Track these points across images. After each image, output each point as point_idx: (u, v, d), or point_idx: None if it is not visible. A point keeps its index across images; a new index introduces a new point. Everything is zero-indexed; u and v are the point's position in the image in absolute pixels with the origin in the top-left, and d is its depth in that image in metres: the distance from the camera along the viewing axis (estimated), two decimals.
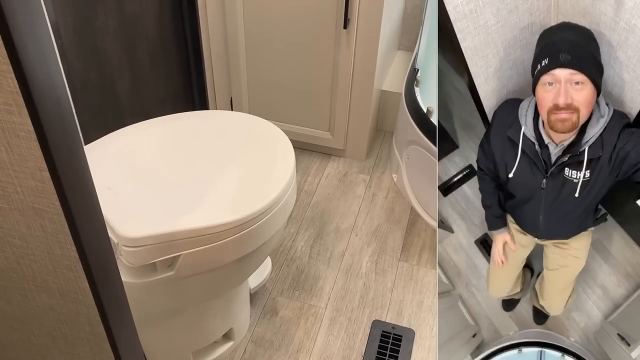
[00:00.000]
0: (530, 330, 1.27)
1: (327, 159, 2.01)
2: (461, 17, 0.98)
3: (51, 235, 0.67)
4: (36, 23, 0.52)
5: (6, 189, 0.64)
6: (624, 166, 0.93)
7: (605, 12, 0.92)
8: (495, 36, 1.03)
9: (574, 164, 0.96)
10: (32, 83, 0.53)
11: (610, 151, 0.93)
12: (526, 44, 1.06)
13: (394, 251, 1.68)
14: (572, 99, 0.88)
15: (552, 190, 1.02)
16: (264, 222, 1.03)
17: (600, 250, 1.24)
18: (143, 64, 1.55)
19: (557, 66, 0.88)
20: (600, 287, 1.24)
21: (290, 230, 1.73)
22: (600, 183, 0.98)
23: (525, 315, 1.30)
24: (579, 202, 1.02)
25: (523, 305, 1.32)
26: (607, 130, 0.92)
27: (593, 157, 0.94)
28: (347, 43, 1.67)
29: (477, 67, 1.06)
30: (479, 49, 1.04)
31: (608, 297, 1.24)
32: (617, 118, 0.93)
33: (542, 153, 0.98)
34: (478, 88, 1.11)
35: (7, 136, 0.58)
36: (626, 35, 0.91)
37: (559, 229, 1.13)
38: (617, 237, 1.25)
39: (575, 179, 0.98)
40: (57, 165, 0.59)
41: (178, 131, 1.19)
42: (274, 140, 1.17)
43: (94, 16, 1.30)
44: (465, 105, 1.21)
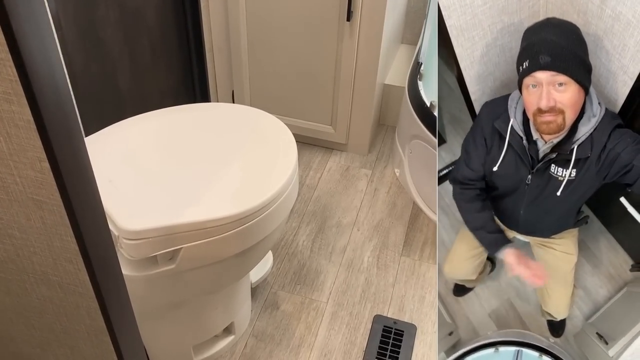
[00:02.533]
0: (509, 330, 1.26)
1: (329, 153, 2.00)
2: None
3: (51, 227, 0.66)
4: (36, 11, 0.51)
5: (5, 180, 0.63)
6: (614, 167, 0.92)
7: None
8: (482, 17, 1.01)
9: (561, 161, 0.95)
10: (31, 72, 0.52)
11: (599, 151, 0.92)
12: (514, 30, 1.04)
13: (396, 246, 1.67)
14: (555, 101, 0.87)
15: (536, 186, 1.01)
16: (266, 216, 1.02)
17: (584, 251, 1.24)
18: (144, 55, 1.54)
19: (537, 69, 0.87)
20: (583, 289, 1.24)
21: (291, 224, 1.72)
22: (586, 184, 0.97)
23: (505, 315, 1.29)
24: (561, 201, 1.01)
25: (503, 304, 1.30)
26: (598, 130, 0.91)
27: (581, 156, 0.92)
28: (350, 36, 1.66)
29: (463, 48, 1.05)
30: (464, 29, 1.02)
31: (590, 299, 1.23)
32: (608, 118, 0.92)
33: (529, 148, 0.97)
34: (463, 72, 1.09)
35: (6, 126, 0.57)
36: (612, 23, 0.91)
37: (538, 226, 1.12)
38: (600, 239, 1.24)
39: (560, 177, 0.96)
40: (57, 156, 0.58)
41: (179, 123, 1.18)
42: (276, 133, 1.16)
43: (95, 7, 1.29)
44: (454, 101, 1.20)
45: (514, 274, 1.07)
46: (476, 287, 1.33)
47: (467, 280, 1.27)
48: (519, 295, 1.31)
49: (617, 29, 0.90)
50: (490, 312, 1.30)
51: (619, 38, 0.91)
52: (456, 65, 1.09)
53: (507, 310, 1.29)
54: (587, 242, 1.25)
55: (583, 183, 0.96)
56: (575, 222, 1.12)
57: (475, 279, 1.26)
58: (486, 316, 1.29)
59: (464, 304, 1.31)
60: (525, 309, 1.29)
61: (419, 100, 1.68)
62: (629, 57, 0.91)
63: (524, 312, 1.29)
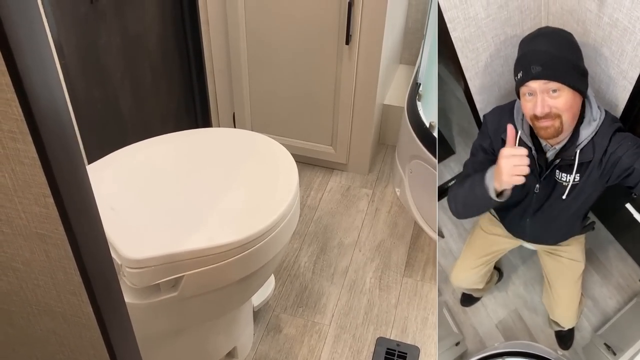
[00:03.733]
0: (516, 341, 1.25)
1: (329, 173, 2.01)
2: (451, 6, 1.00)
3: (55, 261, 0.66)
4: (41, 51, 0.52)
5: (10, 215, 0.63)
6: (615, 171, 0.93)
7: (590, 8, 0.95)
8: (485, 30, 1.04)
9: (565, 166, 0.97)
10: (36, 111, 0.53)
11: (601, 155, 0.93)
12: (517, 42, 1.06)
13: (398, 266, 1.67)
14: (549, 107, 0.90)
15: (543, 193, 1.02)
16: (268, 242, 1.03)
17: (592, 261, 1.23)
18: (146, 80, 1.55)
19: (530, 79, 0.90)
20: (591, 299, 1.23)
21: (293, 245, 1.73)
22: (590, 187, 0.98)
23: (512, 326, 1.28)
24: (567, 206, 1.01)
25: (510, 315, 1.30)
26: (599, 134, 0.93)
27: (584, 160, 0.94)
28: (349, 58, 1.67)
29: (467, 59, 1.07)
30: (469, 41, 1.04)
31: (599, 310, 1.22)
32: (608, 122, 0.93)
33: (538, 158, 0.98)
34: (469, 82, 1.11)
35: (12, 163, 0.58)
36: (610, 30, 0.93)
37: (545, 234, 1.12)
38: (609, 248, 1.24)
39: (565, 182, 0.98)
40: (61, 192, 0.58)
41: (180, 149, 1.19)
42: (277, 158, 1.16)
43: (97, 35, 1.30)
44: (464, 114, 1.21)
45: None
46: (483, 297, 1.33)
47: (474, 289, 1.27)
48: (526, 305, 1.30)
49: (614, 36, 0.93)
50: (498, 322, 1.29)
51: (617, 44, 0.93)
52: (463, 79, 1.11)
53: (514, 321, 1.28)
54: (595, 252, 1.24)
55: (587, 187, 0.98)
56: (581, 229, 1.12)
57: (483, 289, 1.26)
58: (493, 327, 1.28)
59: (471, 314, 1.30)
60: (533, 320, 1.28)
61: (418, 120, 1.70)
62: (627, 62, 0.93)
63: (531, 323, 1.28)
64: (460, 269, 1.23)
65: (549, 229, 1.11)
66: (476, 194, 1.00)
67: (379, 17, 1.58)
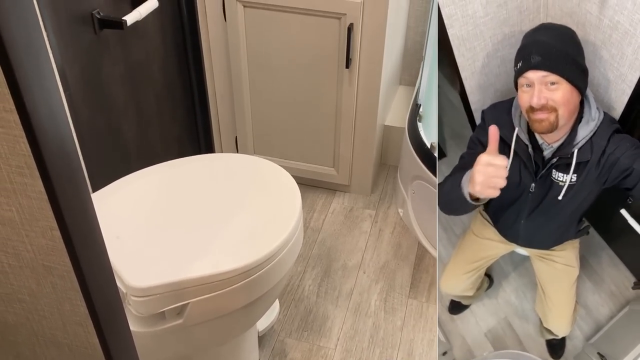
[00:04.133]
0: (506, 351, 1.23)
1: (332, 195, 2.01)
2: (449, 2, 0.99)
3: (61, 292, 0.67)
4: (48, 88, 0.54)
5: (17, 248, 0.64)
6: (613, 171, 0.93)
7: (590, 10, 0.94)
8: (483, 28, 1.03)
9: (562, 166, 0.96)
10: (43, 146, 0.54)
11: (599, 155, 0.93)
12: (515, 42, 1.05)
13: (403, 288, 1.66)
14: (546, 99, 0.88)
15: (539, 193, 1.01)
16: (272, 267, 1.03)
17: (585, 268, 1.21)
18: (149, 107, 1.57)
19: (529, 68, 0.89)
20: (584, 307, 1.22)
21: (297, 268, 1.72)
22: (587, 188, 0.97)
23: (502, 335, 1.26)
24: (563, 207, 1.01)
25: (500, 323, 1.27)
26: (597, 135, 0.92)
27: (581, 160, 0.94)
28: (349, 81, 1.69)
29: (464, 58, 1.06)
30: (466, 39, 1.03)
31: (591, 318, 1.21)
32: (607, 123, 0.93)
33: (534, 156, 0.98)
34: (464, 82, 1.10)
35: (19, 197, 0.58)
36: (610, 32, 0.92)
37: (539, 237, 1.11)
38: (602, 254, 1.22)
39: (561, 182, 0.97)
40: (67, 225, 0.59)
41: (184, 176, 1.20)
42: (280, 182, 1.17)
43: (101, 64, 1.32)
44: (457, 117, 1.20)
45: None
46: (472, 305, 1.30)
47: (463, 296, 1.25)
48: (517, 313, 1.28)
49: (615, 38, 0.92)
50: (487, 331, 1.27)
51: (617, 47, 0.93)
52: (459, 80, 1.10)
53: (504, 330, 1.26)
54: (588, 259, 1.23)
55: (584, 188, 0.97)
56: (576, 232, 1.11)
57: (472, 296, 1.24)
58: (482, 335, 1.26)
59: (459, 322, 1.28)
60: (524, 329, 1.26)
61: (419, 141, 1.71)
62: (627, 65, 0.92)
63: (522, 332, 1.26)
64: (450, 274, 1.21)
65: (544, 232, 1.10)
66: (455, 195, 0.97)
67: (379, 40, 1.60)
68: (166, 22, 1.55)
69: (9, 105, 0.51)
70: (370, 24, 1.57)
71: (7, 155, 0.55)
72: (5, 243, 0.64)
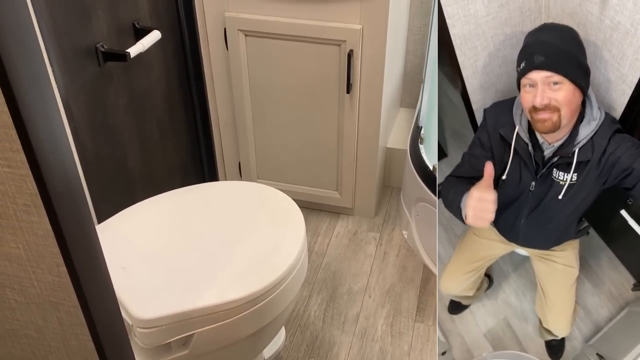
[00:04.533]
0: (505, 351, 1.21)
1: (336, 218, 2.02)
2: (451, 2, 1.00)
3: (68, 327, 0.67)
4: (54, 126, 0.55)
5: (23, 284, 0.65)
6: (614, 171, 0.93)
7: (591, 11, 0.94)
8: (485, 28, 1.03)
9: (563, 165, 0.96)
10: (50, 185, 0.55)
11: (600, 155, 0.93)
12: (517, 42, 1.05)
13: (409, 312, 1.65)
14: (549, 99, 0.89)
15: (539, 192, 1.01)
16: (277, 295, 1.03)
17: (584, 269, 1.20)
18: (153, 136, 1.59)
19: (532, 69, 0.89)
20: (583, 308, 1.21)
21: (302, 294, 1.72)
22: (587, 188, 0.97)
23: (501, 335, 1.24)
24: (563, 207, 1.01)
25: (499, 324, 1.26)
26: (598, 134, 0.93)
27: (582, 159, 0.94)
28: (350, 107, 1.71)
29: (466, 57, 1.06)
30: (468, 39, 1.04)
31: (590, 319, 1.19)
32: (608, 123, 0.93)
33: (535, 154, 0.98)
34: (466, 81, 1.10)
35: (26, 235, 0.59)
36: (611, 32, 0.92)
37: (539, 237, 1.11)
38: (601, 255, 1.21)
39: (562, 181, 0.97)
40: (74, 261, 0.60)
41: (188, 205, 1.21)
42: (283, 209, 1.18)
43: (105, 96, 1.34)
44: (457, 117, 1.20)
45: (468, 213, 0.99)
46: (472, 305, 1.29)
47: (463, 296, 1.24)
48: (516, 314, 1.27)
49: (615, 39, 0.92)
50: (486, 331, 1.25)
51: (617, 47, 0.93)
52: (460, 80, 1.10)
53: (503, 330, 1.25)
54: (587, 260, 1.22)
55: (584, 187, 0.97)
56: (576, 233, 1.11)
57: (472, 296, 1.23)
58: (481, 336, 1.25)
59: (458, 323, 1.27)
60: (523, 329, 1.25)
61: (422, 163, 1.71)
62: (627, 65, 0.93)
63: (521, 333, 1.25)
64: (450, 274, 1.21)
65: (543, 232, 1.09)
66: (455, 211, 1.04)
67: (378, 65, 1.62)
68: (169, 52, 1.57)
69: (16, 145, 0.52)
70: (369, 50, 1.60)
71: (14, 194, 0.56)
72: (12, 280, 0.65)
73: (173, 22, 1.56)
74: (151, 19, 1.46)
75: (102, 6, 1.26)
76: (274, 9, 1.59)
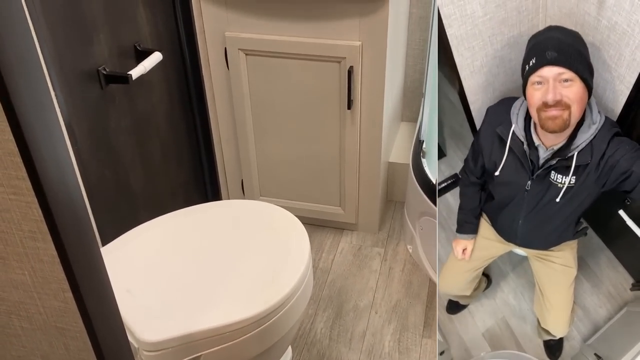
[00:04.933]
0: (503, 351, 1.20)
1: (340, 234, 2.01)
2: (447, 2, 1.00)
3: (74, 353, 0.67)
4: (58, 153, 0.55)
5: (29, 311, 0.64)
6: (612, 174, 0.93)
7: (588, 11, 0.94)
8: (482, 28, 1.03)
9: (561, 168, 0.96)
10: (55, 211, 0.55)
11: (599, 158, 0.93)
12: (514, 42, 1.05)
13: (416, 327, 1.64)
14: (561, 95, 0.88)
15: (536, 193, 1.01)
16: (283, 314, 1.02)
17: (583, 269, 1.20)
18: (156, 156, 1.59)
19: (545, 64, 0.88)
20: (582, 308, 1.20)
21: (308, 311, 1.71)
22: (585, 191, 0.97)
23: (499, 335, 1.23)
24: (560, 209, 1.01)
25: (497, 323, 1.25)
26: (598, 138, 0.92)
27: (581, 163, 0.93)
28: (352, 122, 1.72)
29: (463, 57, 1.06)
30: (465, 39, 1.04)
31: (589, 319, 1.19)
32: (607, 126, 0.93)
33: (530, 153, 0.98)
34: (463, 82, 1.10)
35: (31, 261, 0.59)
36: (608, 33, 0.92)
37: (537, 237, 1.11)
38: (600, 255, 1.21)
39: (560, 184, 0.97)
40: (80, 286, 0.60)
41: (191, 226, 1.21)
42: (287, 227, 1.17)
43: (108, 118, 1.35)
44: (456, 116, 1.20)
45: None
46: (470, 305, 1.28)
47: (461, 296, 1.24)
48: (514, 314, 1.26)
49: (613, 39, 0.92)
50: (485, 331, 1.25)
51: (615, 48, 0.93)
52: (458, 80, 1.10)
53: (501, 330, 1.24)
54: (586, 259, 1.21)
55: (582, 190, 0.97)
56: (574, 233, 1.11)
57: (470, 296, 1.23)
58: (480, 336, 1.24)
59: (457, 322, 1.26)
60: (521, 329, 1.24)
61: (425, 178, 1.71)
62: (625, 66, 0.92)
63: (519, 332, 1.24)
64: (449, 273, 1.21)
65: (541, 233, 1.09)
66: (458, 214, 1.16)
67: (379, 81, 1.63)
68: (170, 73, 1.58)
69: (22, 173, 0.52)
70: (369, 66, 1.60)
71: (20, 221, 0.56)
72: (18, 306, 0.65)
73: (174, 43, 1.57)
74: (152, 41, 1.47)
75: (104, 29, 1.28)
76: (273, 27, 1.60)
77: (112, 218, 1.41)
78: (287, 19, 1.58)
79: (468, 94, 1.13)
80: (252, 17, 1.60)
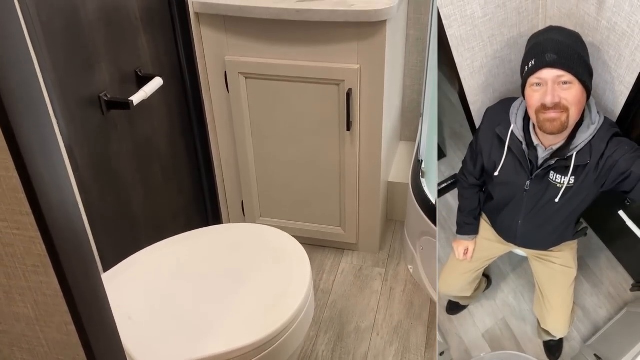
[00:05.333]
0: (503, 352, 1.20)
1: (340, 254, 2.01)
2: (447, 3, 1.00)
3: None
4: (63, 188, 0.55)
5: (32, 344, 0.64)
6: (611, 175, 0.93)
7: (588, 12, 0.94)
8: (482, 29, 1.03)
9: (560, 168, 0.96)
10: (58, 246, 0.55)
11: (598, 159, 0.93)
12: (514, 43, 1.05)
13: (418, 348, 1.63)
14: (560, 97, 0.88)
15: (535, 193, 1.01)
16: (285, 340, 1.02)
17: (583, 269, 1.20)
18: (156, 180, 1.60)
19: (544, 66, 0.88)
20: (582, 309, 1.19)
21: (309, 334, 1.70)
22: (584, 191, 0.97)
23: (499, 336, 1.22)
24: (560, 209, 1.01)
25: (497, 324, 1.24)
26: (597, 138, 0.92)
27: (580, 163, 0.93)
28: (351, 144, 1.73)
29: (463, 58, 1.06)
30: (465, 40, 1.04)
31: (589, 320, 1.19)
32: (606, 127, 0.93)
33: (529, 153, 0.98)
34: (463, 82, 1.10)
35: (34, 295, 0.59)
36: (608, 34, 0.92)
37: (537, 238, 1.11)
38: (600, 256, 1.21)
39: (559, 184, 0.97)
40: (82, 319, 0.60)
41: (191, 251, 1.21)
42: (288, 251, 1.18)
43: (109, 143, 1.36)
44: (456, 117, 1.20)
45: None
46: (470, 306, 1.28)
47: (461, 297, 1.23)
48: (514, 314, 1.25)
49: (612, 40, 0.92)
50: (484, 332, 1.24)
51: (614, 49, 0.93)
52: (458, 80, 1.10)
53: (501, 331, 1.23)
54: (586, 260, 1.21)
55: (581, 190, 0.97)
56: (574, 234, 1.10)
57: (470, 296, 1.22)
58: (480, 336, 1.23)
59: (457, 323, 1.25)
60: (521, 330, 1.23)
61: (424, 198, 1.72)
62: (624, 67, 0.92)
63: (519, 333, 1.23)
64: (449, 274, 1.20)
65: (541, 233, 1.09)
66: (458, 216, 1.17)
67: (377, 103, 1.64)
68: (171, 98, 1.60)
69: (25, 208, 0.53)
70: (367, 88, 1.62)
71: (23, 255, 0.56)
72: (20, 339, 0.65)
73: (174, 68, 1.59)
74: (153, 66, 1.49)
75: (105, 56, 1.29)
76: (272, 51, 1.62)
77: (114, 242, 1.41)
78: (286, 43, 1.60)
79: (468, 94, 1.13)
80: (251, 41, 1.62)
